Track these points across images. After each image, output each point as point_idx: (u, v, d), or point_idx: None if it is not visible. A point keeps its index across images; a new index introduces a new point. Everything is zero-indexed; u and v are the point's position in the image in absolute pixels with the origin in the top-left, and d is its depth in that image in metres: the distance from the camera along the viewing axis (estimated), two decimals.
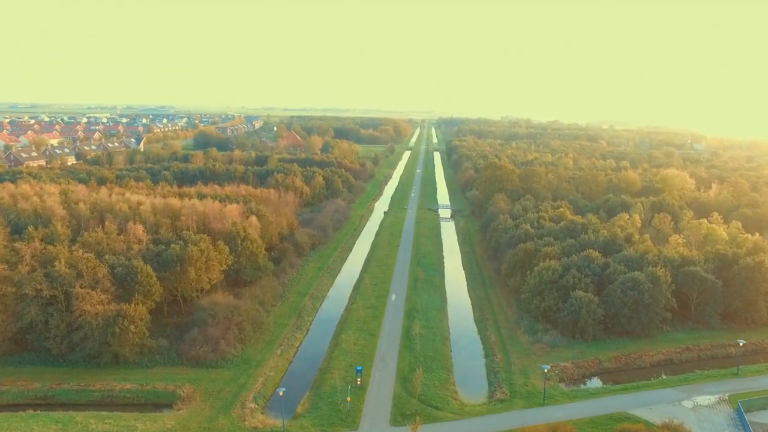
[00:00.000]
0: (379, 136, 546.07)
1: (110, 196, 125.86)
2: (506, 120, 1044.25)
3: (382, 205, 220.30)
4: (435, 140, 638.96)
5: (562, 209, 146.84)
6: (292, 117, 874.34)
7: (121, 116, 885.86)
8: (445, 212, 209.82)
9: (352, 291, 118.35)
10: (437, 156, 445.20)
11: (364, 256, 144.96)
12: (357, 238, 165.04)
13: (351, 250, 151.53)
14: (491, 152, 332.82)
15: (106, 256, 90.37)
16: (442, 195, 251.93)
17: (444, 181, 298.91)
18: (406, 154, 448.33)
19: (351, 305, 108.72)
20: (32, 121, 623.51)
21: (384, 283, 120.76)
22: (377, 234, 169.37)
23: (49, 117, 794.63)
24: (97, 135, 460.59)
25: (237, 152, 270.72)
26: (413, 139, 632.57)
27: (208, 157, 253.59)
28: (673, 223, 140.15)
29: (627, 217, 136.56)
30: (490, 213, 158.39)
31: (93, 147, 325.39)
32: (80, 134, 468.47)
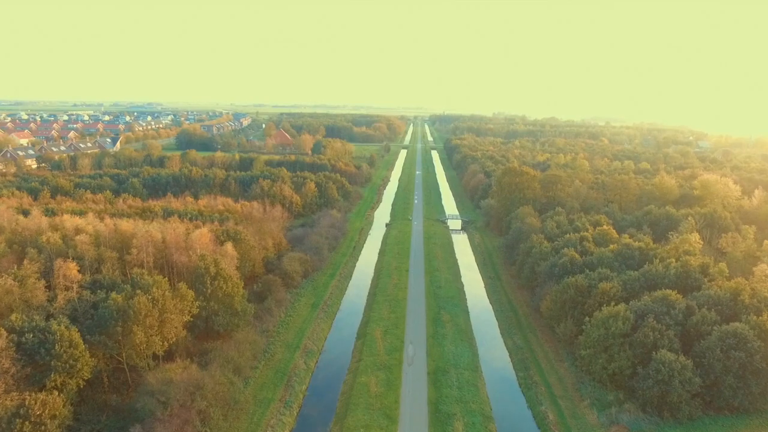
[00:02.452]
0: (373, 134, 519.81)
1: (42, 218, 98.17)
2: (500, 116, 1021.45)
3: (382, 215, 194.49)
4: (430, 138, 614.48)
5: (605, 227, 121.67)
6: (281, 114, 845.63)
7: (104, 114, 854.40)
8: (455, 223, 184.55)
9: (357, 340, 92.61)
10: (435, 155, 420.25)
11: (368, 286, 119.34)
12: (357, 260, 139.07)
13: (351, 277, 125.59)
14: (496, 152, 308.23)
15: (13, 316, 63.92)
16: (448, 201, 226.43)
17: (447, 185, 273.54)
18: (402, 153, 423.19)
19: (356, 364, 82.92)
20: (8, 119, 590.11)
21: (396, 328, 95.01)
22: (381, 253, 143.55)
23: (28, 115, 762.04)
24: (72, 134, 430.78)
25: (219, 154, 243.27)
26: (408, 137, 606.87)
27: (185, 160, 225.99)
28: (744, 244, 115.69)
29: (695, 238, 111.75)
30: (516, 230, 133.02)
31: (62, 148, 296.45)
32: (54, 133, 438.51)
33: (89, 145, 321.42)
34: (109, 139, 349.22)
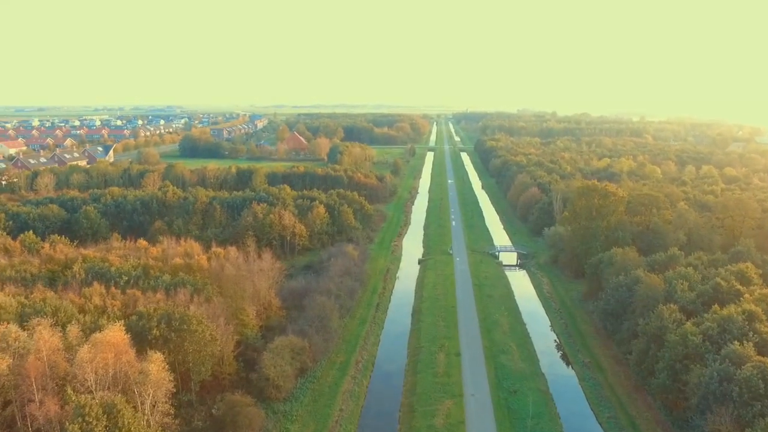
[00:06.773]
0: (396, 135, 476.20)
1: None
2: (526, 113, 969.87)
3: (413, 245, 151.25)
4: (457, 138, 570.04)
5: (764, 290, 76.55)
6: (299, 115, 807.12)
7: (119, 118, 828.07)
8: (509, 257, 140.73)
9: None
10: (466, 158, 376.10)
11: (400, 388, 76.32)
12: (382, 329, 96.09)
13: (373, 368, 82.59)
14: (543, 157, 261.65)
15: None
16: (493, 222, 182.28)
17: (487, 197, 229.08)
18: (429, 156, 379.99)
19: None
20: (10, 126, 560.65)
21: None
22: (416, 316, 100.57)
23: (40, 121, 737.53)
24: (68, 142, 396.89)
25: (211, 166, 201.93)
26: (433, 137, 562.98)
27: (168, 175, 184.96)
28: None
29: None
30: (621, 289, 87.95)
31: (42, 160, 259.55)
32: (49, 141, 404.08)
33: (76, 155, 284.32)
34: (100, 148, 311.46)
